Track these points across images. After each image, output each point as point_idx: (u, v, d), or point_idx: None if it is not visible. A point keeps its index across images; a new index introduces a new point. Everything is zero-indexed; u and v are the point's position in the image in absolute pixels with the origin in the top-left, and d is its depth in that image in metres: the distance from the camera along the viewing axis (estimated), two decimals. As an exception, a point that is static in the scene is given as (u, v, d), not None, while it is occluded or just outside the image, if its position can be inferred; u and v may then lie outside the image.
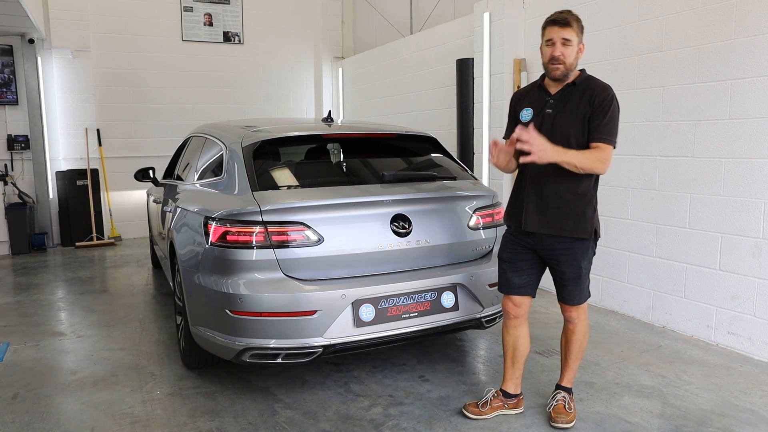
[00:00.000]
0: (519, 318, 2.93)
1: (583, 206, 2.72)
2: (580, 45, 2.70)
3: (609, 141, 2.64)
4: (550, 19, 2.70)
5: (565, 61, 2.66)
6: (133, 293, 5.53)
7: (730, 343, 3.85)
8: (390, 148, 3.99)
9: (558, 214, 2.71)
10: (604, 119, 2.63)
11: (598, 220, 2.79)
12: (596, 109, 2.64)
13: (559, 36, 2.65)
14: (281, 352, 2.95)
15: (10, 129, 7.76)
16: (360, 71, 8.95)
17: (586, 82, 2.73)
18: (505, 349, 3.00)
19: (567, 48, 2.65)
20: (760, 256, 3.65)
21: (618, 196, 4.58)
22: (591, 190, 2.75)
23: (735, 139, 3.75)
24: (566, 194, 2.70)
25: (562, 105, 2.72)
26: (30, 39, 7.61)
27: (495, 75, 5.64)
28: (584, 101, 2.67)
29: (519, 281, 2.89)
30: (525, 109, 2.82)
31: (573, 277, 2.77)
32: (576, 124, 2.66)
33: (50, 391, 3.36)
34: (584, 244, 2.75)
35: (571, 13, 2.68)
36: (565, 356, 2.95)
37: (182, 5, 8.86)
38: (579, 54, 2.70)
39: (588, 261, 2.80)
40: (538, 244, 2.80)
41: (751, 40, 3.62)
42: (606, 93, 2.66)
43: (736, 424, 2.89)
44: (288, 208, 3.00)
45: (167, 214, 4.22)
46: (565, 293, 2.83)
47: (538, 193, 2.74)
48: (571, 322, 2.89)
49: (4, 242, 7.48)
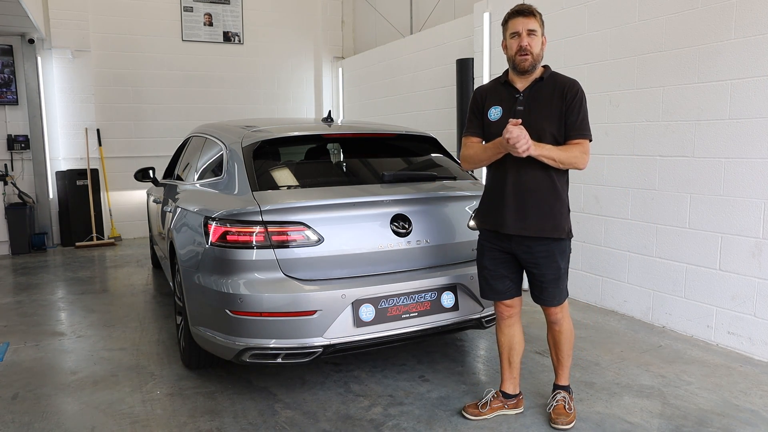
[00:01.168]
0: (512, 318, 2.94)
1: (560, 206, 2.72)
2: (543, 38, 2.71)
3: (587, 136, 2.66)
4: (513, 11, 2.70)
5: (533, 52, 2.66)
6: (133, 293, 5.53)
7: (730, 343, 3.85)
8: (390, 148, 3.99)
9: (538, 214, 2.69)
10: (579, 115, 2.64)
11: (570, 220, 2.80)
12: (569, 105, 2.64)
13: (524, 27, 2.65)
14: (281, 352, 2.95)
15: (10, 129, 7.77)
16: (360, 71, 8.95)
17: (553, 77, 2.74)
18: (501, 350, 3.00)
19: (533, 38, 2.65)
20: (760, 256, 3.65)
21: (618, 196, 4.58)
22: (566, 188, 2.77)
23: (735, 139, 3.75)
24: (546, 193, 2.69)
25: (534, 101, 2.70)
26: (30, 39, 7.61)
27: (495, 75, 5.64)
28: (556, 97, 2.66)
29: (502, 287, 2.88)
30: (493, 107, 2.78)
31: (553, 279, 2.76)
32: (552, 121, 2.65)
33: (50, 391, 3.36)
34: (562, 245, 2.75)
35: (532, 6, 2.71)
36: (557, 356, 2.94)
37: (182, 5, 8.86)
38: (543, 47, 2.71)
39: (566, 261, 2.80)
40: (516, 248, 2.77)
41: (751, 40, 3.62)
42: (575, 87, 2.67)
43: (736, 424, 2.89)
44: (288, 208, 3.00)
45: (167, 214, 4.22)
46: (546, 295, 2.80)
47: (518, 194, 2.70)
48: (556, 323, 2.88)
49: (4, 242, 7.48)
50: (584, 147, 2.65)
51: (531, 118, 2.66)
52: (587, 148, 2.67)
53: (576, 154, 2.62)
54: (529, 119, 2.65)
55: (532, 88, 2.72)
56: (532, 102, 2.70)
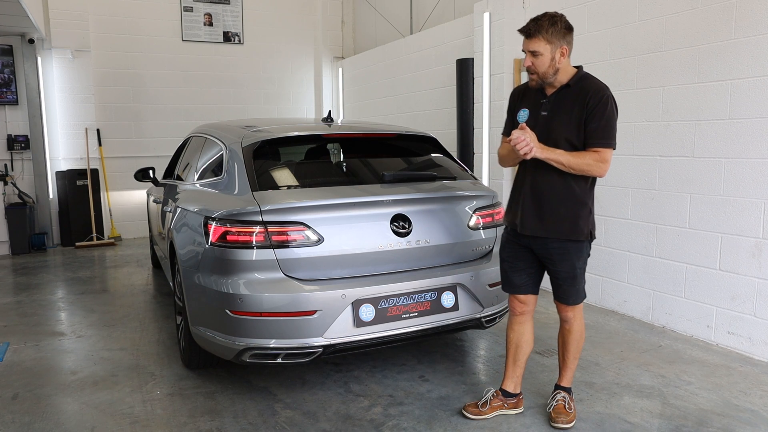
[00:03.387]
0: (524, 315, 2.95)
1: (579, 208, 2.71)
2: (561, 48, 2.62)
3: (606, 144, 2.62)
4: (520, 29, 2.69)
5: (537, 71, 2.65)
6: (133, 293, 5.53)
7: (730, 343, 3.85)
8: (390, 148, 3.99)
9: (554, 217, 2.70)
10: (600, 122, 2.60)
11: (593, 222, 2.79)
12: (590, 112, 2.61)
13: (527, 47, 2.65)
14: (281, 352, 2.95)
15: (10, 129, 7.76)
16: (360, 71, 8.95)
17: (580, 82, 2.69)
18: (508, 346, 3.00)
19: (537, 58, 2.62)
20: (760, 256, 3.65)
21: (618, 196, 4.58)
22: (587, 192, 2.75)
23: (735, 139, 3.75)
24: (563, 196, 2.69)
25: (557, 108, 2.70)
26: (30, 39, 7.61)
27: (495, 75, 5.64)
28: (578, 104, 2.64)
29: (519, 280, 2.90)
30: (522, 110, 2.83)
31: (568, 277, 2.77)
32: (571, 129, 2.65)
33: (50, 391, 3.36)
34: (578, 245, 2.76)
35: (538, 22, 2.61)
36: (563, 356, 2.95)
37: (182, 5, 8.86)
38: (561, 58, 2.64)
39: (582, 261, 2.80)
40: (533, 244, 2.81)
41: (751, 40, 3.62)
42: (600, 95, 2.62)
43: (736, 424, 2.89)
44: (288, 208, 3.00)
45: (167, 214, 4.22)
46: (561, 292, 2.83)
47: (535, 197, 2.74)
48: (567, 321, 2.89)
49: (4, 242, 7.48)
50: (601, 155, 2.61)
51: (552, 123, 2.69)
52: (605, 156, 2.62)
53: (588, 162, 2.60)
54: (551, 125, 2.68)
55: (557, 94, 2.72)
56: (555, 108, 2.71)
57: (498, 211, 3.56)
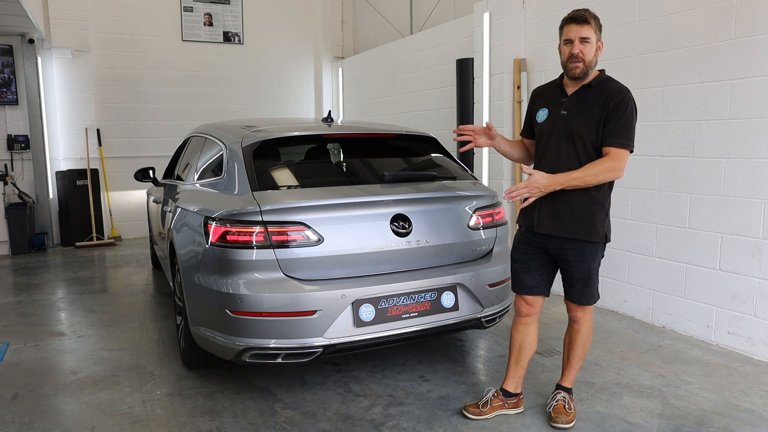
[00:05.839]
0: (530, 316, 2.95)
1: (596, 210, 2.72)
2: (599, 43, 2.71)
3: (622, 145, 2.62)
4: (568, 17, 2.71)
5: (585, 59, 2.67)
6: (133, 293, 5.53)
7: (730, 343, 3.85)
8: (390, 148, 3.99)
9: (571, 217, 2.71)
10: (618, 123, 2.61)
11: (609, 225, 2.80)
12: (611, 112, 2.62)
13: (577, 34, 2.66)
14: (281, 352, 2.95)
15: (10, 129, 7.77)
16: (360, 71, 8.95)
17: (602, 83, 2.72)
18: (512, 346, 3.00)
19: (585, 46, 2.66)
20: (760, 256, 3.65)
21: (618, 196, 4.56)
22: (605, 195, 2.76)
23: (735, 139, 3.75)
24: (580, 198, 2.69)
25: (577, 107, 2.72)
26: (30, 39, 7.61)
27: (495, 75, 5.64)
28: (599, 104, 2.66)
29: (531, 281, 2.90)
30: (541, 110, 2.85)
31: (582, 277, 2.78)
32: (591, 128, 2.66)
33: (50, 391, 3.36)
34: (594, 247, 2.76)
35: (588, 11, 2.70)
36: (568, 356, 2.95)
37: (182, 5, 8.86)
38: (598, 52, 2.70)
39: (597, 263, 2.81)
40: (548, 244, 2.81)
41: (751, 40, 3.62)
42: (621, 96, 2.64)
43: (736, 424, 2.89)
44: (288, 208, 3.00)
45: (167, 214, 4.22)
46: (574, 292, 2.83)
47: (552, 197, 2.72)
48: (576, 322, 2.89)
49: (4, 242, 7.48)
50: (614, 160, 2.60)
51: (572, 123, 2.70)
52: (621, 158, 2.61)
53: (602, 169, 2.59)
54: (570, 124, 2.70)
55: (579, 94, 2.73)
56: (576, 108, 2.72)
57: (498, 211, 3.56)
